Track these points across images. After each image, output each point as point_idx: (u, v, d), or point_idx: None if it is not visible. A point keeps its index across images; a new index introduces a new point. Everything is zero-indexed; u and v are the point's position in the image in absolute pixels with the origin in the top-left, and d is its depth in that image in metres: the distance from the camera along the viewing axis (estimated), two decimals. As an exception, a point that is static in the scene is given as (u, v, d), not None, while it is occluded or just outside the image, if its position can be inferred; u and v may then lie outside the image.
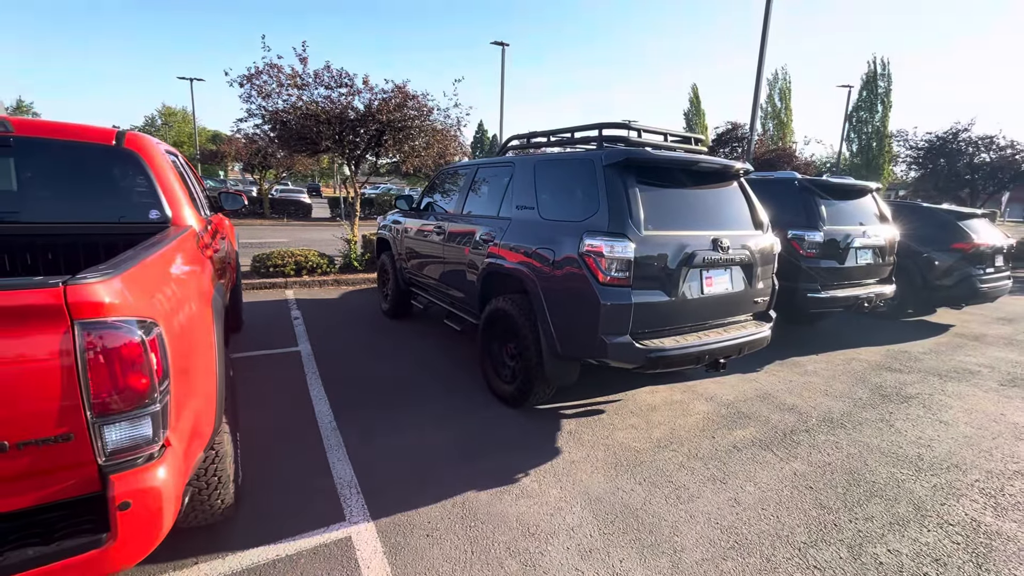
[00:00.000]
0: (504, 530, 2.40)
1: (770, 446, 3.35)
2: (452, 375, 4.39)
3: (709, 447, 3.31)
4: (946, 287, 6.77)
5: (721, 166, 3.43)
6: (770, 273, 3.76)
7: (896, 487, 2.92)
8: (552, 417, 3.64)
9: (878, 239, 5.56)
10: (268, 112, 7.35)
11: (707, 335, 3.30)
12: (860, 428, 3.68)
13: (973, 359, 5.49)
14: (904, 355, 5.54)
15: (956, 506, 2.74)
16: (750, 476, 2.97)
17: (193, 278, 2.04)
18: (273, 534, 2.30)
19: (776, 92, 47.47)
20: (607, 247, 2.91)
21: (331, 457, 2.98)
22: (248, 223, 18.89)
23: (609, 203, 3.03)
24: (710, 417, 3.77)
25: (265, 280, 7.55)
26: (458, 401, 3.86)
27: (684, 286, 3.15)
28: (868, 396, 4.32)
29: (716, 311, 3.41)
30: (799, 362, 5.15)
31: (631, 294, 2.96)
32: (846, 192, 5.68)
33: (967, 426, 3.79)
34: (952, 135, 14.24)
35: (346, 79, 7.59)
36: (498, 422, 3.54)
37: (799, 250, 5.13)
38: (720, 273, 3.35)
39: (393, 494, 2.65)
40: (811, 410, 3.97)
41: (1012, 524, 2.60)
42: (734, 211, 3.61)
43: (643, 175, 3.15)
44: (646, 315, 3.04)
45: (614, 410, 3.82)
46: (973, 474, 3.09)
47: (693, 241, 3.17)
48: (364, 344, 5.18)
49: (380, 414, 3.58)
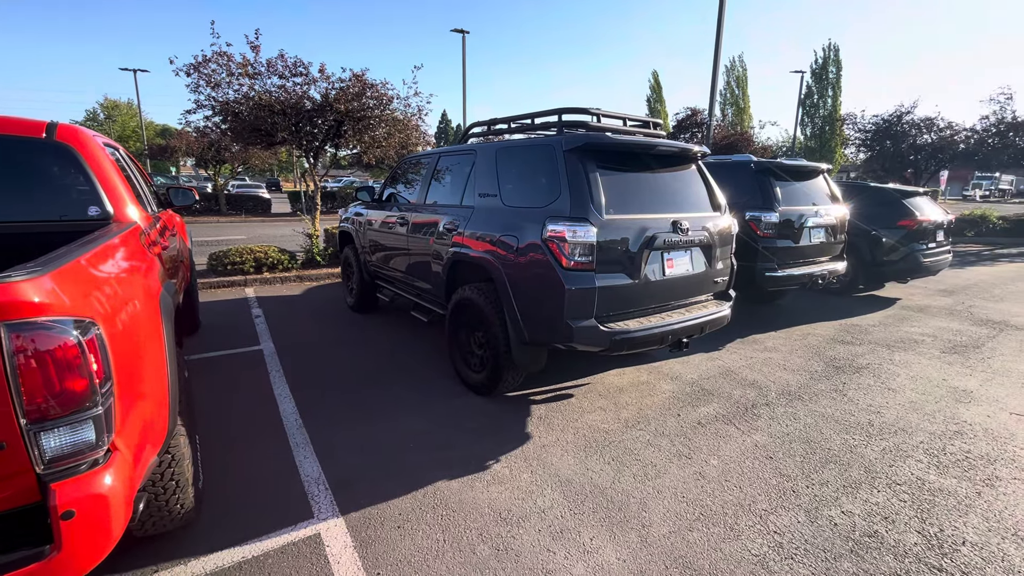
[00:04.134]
0: (476, 517, 2.41)
1: (732, 420, 3.47)
2: (421, 367, 4.35)
3: (675, 425, 3.40)
4: (893, 262, 7.12)
5: (679, 149, 3.49)
6: (728, 253, 3.86)
7: (849, 452, 3.07)
8: (522, 403, 3.66)
9: (830, 218, 5.79)
10: (218, 103, 7.03)
11: (670, 316, 3.37)
12: (816, 399, 3.85)
13: (917, 329, 5.80)
14: (855, 328, 5.81)
15: (903, 467, 2.91)
16: (714, 450, 3.07)
17: (137, 276, 1.94)
18: (239, 536, 2.23)
19: (733, 79, 48.63)
20: (570, 232, 2.93)
21: (297, 455, 2.92)
22: (204, 220, 18.14)
23: (570, 188, 3.04)
24: (675, 396, 3.87)
25: (223, 279, 7.28)
26: (427, 392, 3.84)
27: (646, 268, 3.20)
28: (823, 369, 4.51)
29: (678, 292, 3.48)
30: (759, 339, 5.34)
31: (595, 278, 2.98)
32: (799, 173, 5.88)
33: (913, 392, 4.01)
34: (896, 117, 14.91)
35: (301, 68, 7.34)
36: (468, 411, 3.53)
37: (756, 231, 5.29)
38: (681, 255, 3.42)
39: (362, 488, 2.61)
40: (770, 384, 4.12)
41: (952, 480, 2.78)
42: (693, 193, 3.68)
43: (603, 159, 3.17)
44: (610, 298, 3.08)
45: (583, 394, 3.87)
46: (918, 436, 3.28)
47: (654, 224, 3.22)
48: (329, 339, 5.08)
49: (347, 409, 3.52)
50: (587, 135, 3.16)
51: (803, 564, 2.14)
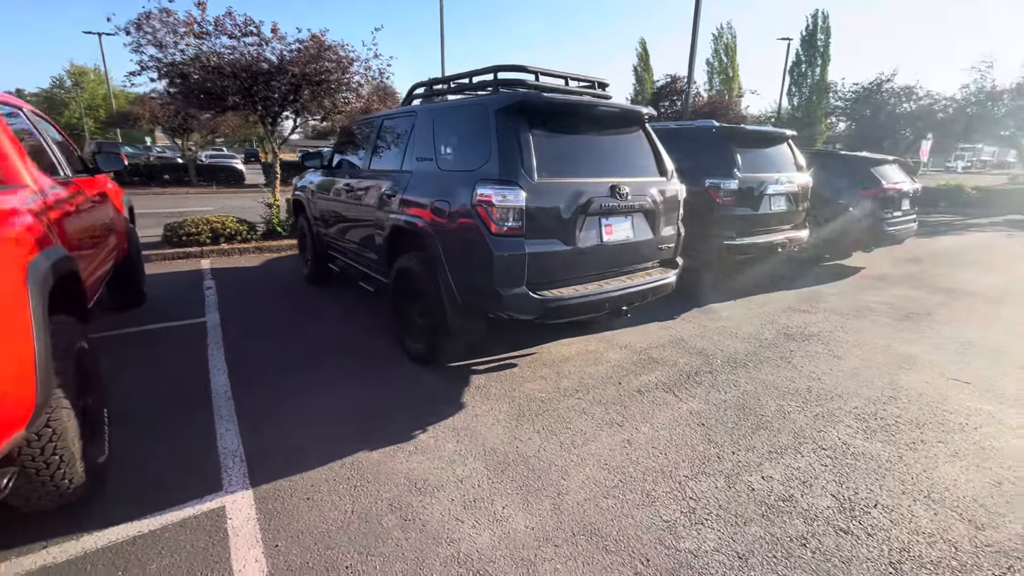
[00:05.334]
0: (390, 487, 2.36)
1: (672, 388, 3.45)
2: (368, 338, 4.27)
3: (614, 393, 3.37)
4: (857, 231, 7.11)
5: (620, 110, 3.35)
6: (675, 220, 3.78)
7: (782, 419, 3.07)
8: (463, 374, 3.60)
9: (792, 186, 5.71)
10: (163, 65, 6.67)
11: (608, 283, 3.30)
12: (760, 366, 3.85)
13: (875, 297, 5.83)
14: (815, 297, 5.82)
15: (832, 432, 2.92)
16: (647, 417, 3.05)
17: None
18: (140, 510, 2.16)
19: (721, 47, 47.71)
20: (498, 196, 2.81)
21: (219, 427, 2.84)
22: (172, 192, 17.61)
23: (500, 150, 2.90)
24: (620, 364, 3.84)
25: (179, 250, 7.06)
26: (369, 363, 3.76)
27: (581, 234, 3.11)
28: (774, 336, 4.51)
29: (618, 259, 3.40)
30: (715, 309, 5.32)
31: (524, 244, 2.89)
32: (763, 140, 5.77)
33: (857, 359, 4.02)
34: (876, 86, 14.76)
35: (252, 27, 6.96)
36: (405, 382, 3.47)
37: (715, 198, 5.20)
38: (620, 221, 3.32)
39: (280, 460, 2.55)
40: (718, 352, 4.11)
41: (878, 444, 2.79)
42: (636, 157, 3.56)
43: (537, 120, 3.03)
44: (542, 265, 3.00)
45: (527, 363, 3.82)
46: (853, 402, 3.29)
47: (590, 188, 3.11)
48: (279, 312, 4.95)
49: (281, 381, 3.44)
50: (519, 93, 3.01)
51: (712, 529, 2.13)
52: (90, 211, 3.38)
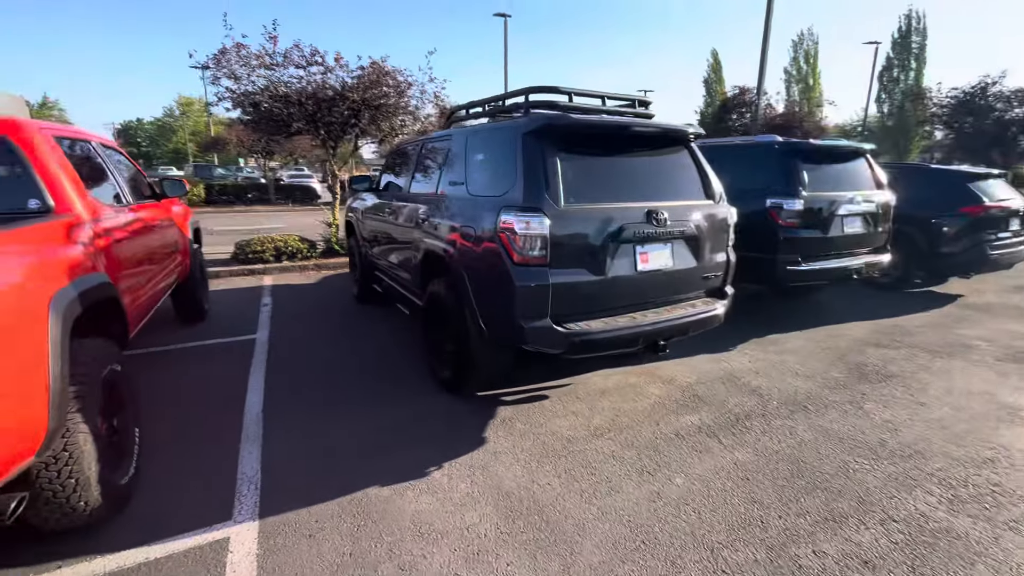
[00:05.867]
0: (394, 530, 2.26)
1: (717, 433, 3.11)
2: (404, 361, 4.24)
3: (650, 435, 3.09)
4: (953, 254, 6.28)
5: (660, 130, 3.12)
6: (724, 246, 3.46)
7: (844, 478, 2.66)
8: (491, 404, 3.47)
9: (869, 205, 5.14)
10: (236, 95, 7.19)
11: (644, 316, 3.05)
12: (824, 411, 3.40)
13: (974, 332, 5.07)
14: (897, 329, 5.16)
15: (907, 499, 2.48)
16: (683, 466, 2.75)
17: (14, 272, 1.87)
18: (151, 536, 2.20)
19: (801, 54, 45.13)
20: (520, 223, 2.68)
21: (243, 451, 2.88)
22: (253, 210, 19.05)
23: (525, 175, 2.77)
24: (662, 401, 3.54)
25: (244, 267, 7.51)
26: (401, 388, 3.72)
27: (613, 263, 2.89)
28: (843, 376, 4.01)
29: (655, 289, 3.14)
30: (778, 340, 4.84)
31: (548, 274, 2.72)
32: (834, 155, 5.25)
33: (946, 407, 3.46)
34: (980, 90, 13.19)
35: (317, 57, 7.37)
36: (432, 410, 3.38)
37: (777, 220, 4.76)
38: (658, 248, 3.07)
39: (293, 490, 2.52)
40: (775, 392, 3.69)
41: (966, 520, 2.33)
42: (679, 180, 3.30)
43: (565, 143, 2.87)
44: (569, 296, 2.81)
45: (560, 395, 3.62)
46: (937, 462, 2.80)
47: (623, 214, 2.90)
48: (325, 330, 5.07)
49: (314, 404, 3.46)
50: (546, 115, 2.88)
51: (744, 614, 1.83)
52: (147, 235, 3.62)
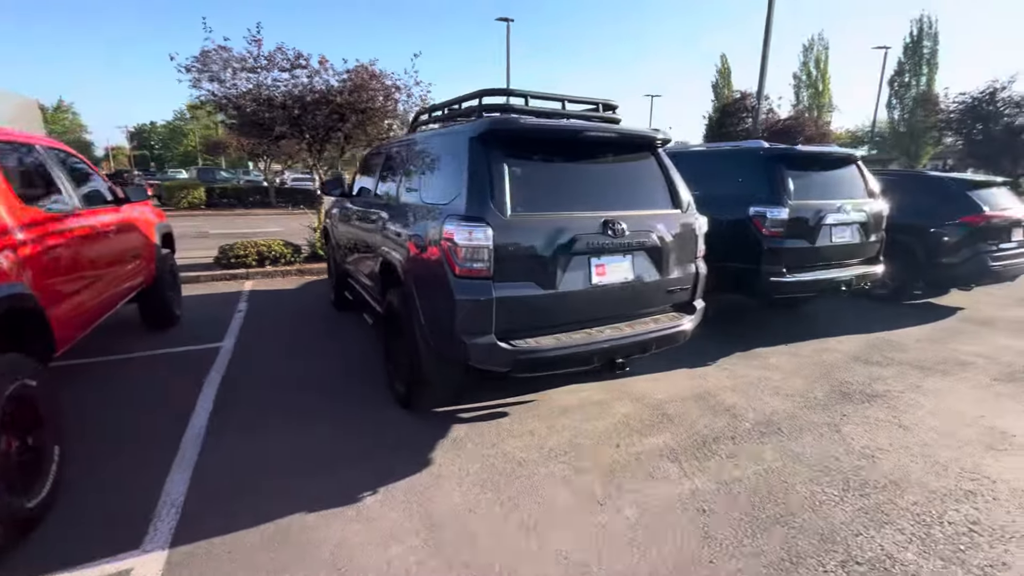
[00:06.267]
0: (309, 562, 2.09)
1: (680, 457, 2.92)
2: (366, 374, 4.08)
3: (607, 458, 2.90)
4: (953, 265, 6.02)
5: (619, 135, 2.95)
6: (692, 258, 3.27)
7: (810, 511, 2.46)
8: (445, 421, 3.29)
9: (860, 214, 4.91)
10: (217, 98, 7.11)
11: (601, 332, 2.87)
12: (799, 435, 3.20)
13: (972, 348, 4.82)
14: (890, 344, 4.92)
15: (874, 538, 2.27)
16: (637, 496, 2.56)
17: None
18: (49, 565, 2.05)
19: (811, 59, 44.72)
20: (461, 234, 2.52)
21: (174, 471, 2.73)
22: (252, 212, 19.08)
23: (469, 182, 2.62)
24: (627, 421, 3.35)
25: (227, 272, 7.42)
26: (358, 403, 3.56)
27: (565, 276, 2.72)
28: (825, 395, 3.79)
29: (614, 304, 2.96)
30: (762, 354, 4.62)
31: (492, 287, 2.55)
32: (823, 162, 5.03)
33: (932, 432, 3.24)
34: (989, 95, 12.83)
35: (302, 60, 7.28)
36: (383, 428, 3.21)
37: (761, 229, 4.56)
38: (616, 260, 2.89)
39: (215, 515, 2.37)
40: (749, 412, 3.49)
41: (936, 563, 2.12)
42: (642, 188, 3.13)
43: (514, 148, 2.71)
44: (516, 311, 2.64)
45: (520, 413, 3.44)
46: (912, 495, 2.58)
47: (576, 224, 2.73)
48: (294, 339, 4.94)
49: (263, 420, 3.31)
50: (492, 118, 2.71)
51: (673, 673, 1.64)
52: (96, 241, 3.50)
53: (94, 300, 3.37)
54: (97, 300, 3.43)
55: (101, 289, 3.50)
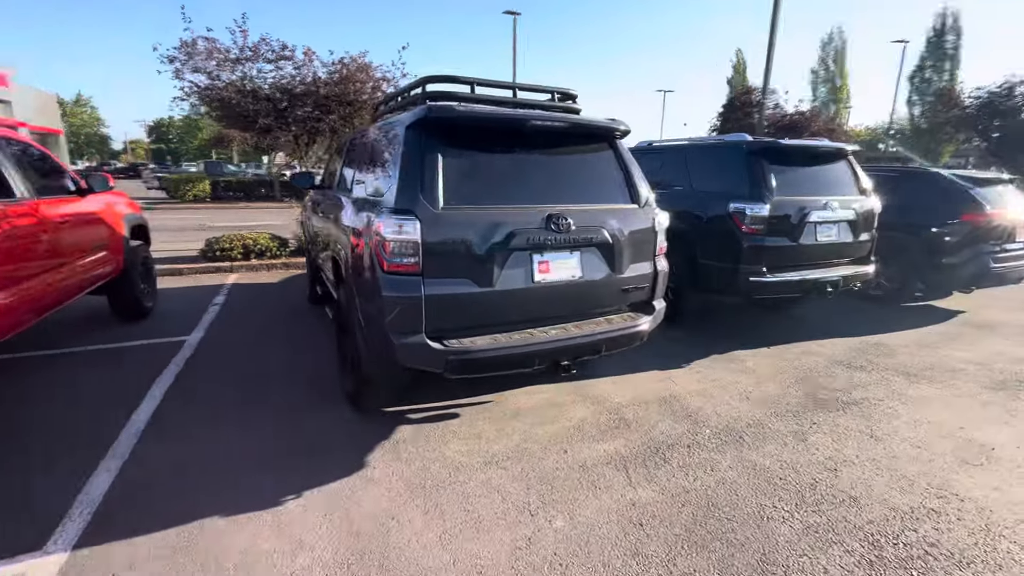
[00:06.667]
0: (208, 573, 1.99)
1: (628, 465, 2.77)
2: (327, 370, 3.98)
3: (550, 465, 2.77)
4: (953, 266, 5.75)
5: (568, 125, 2.78)
6: (650, 255, 3.10)
7: (755, 527, 2.30)
8: (392, 422, 3.18)
9: (847, 212, 4.69)
10: (200, 89, 7.06)
11: (546, 332, 2.72)
12: (761, 443, 3.03)
13: (965, 354, 4.58)
14: (879, 348, 4.70)
15: (818, 559, 2.11)
16: (572, 506, 2.42)
17: None
18: (-56, 567, 1.98)
19: (829, 53, 43.74)
20: (390, 228, 2.39)
21: (102, 467, 2.65)
22: (256, 206, 19.18)
23: (400, 174, 2.49)
24: (581, 425, 3.20)
25: (211, 264, 7.40)
26: (309, 401, 3.46)
27: (504, 274, 2.58)
28: (798, 401, 3.61)
29: (560, 303, 2.81)
30: (739, 357, 4.44)
31: (422, 284, 2.42)
32: (810, 156, 4.81)
33: (905, 443, 3.05)
34: (1007, 90, 12.32)
35: (287, 51, 7.20)
36: (327, 427, 3.11)
37: (740, 226, 4.36)
38: (563, 257, 2.74)
39: (128, 517, 2.28)
40: (713, 418, 3.32)
41: (882, 590, 1.96)
42: (595, 181, 2.97)
43: (450, 137, 2.57)
44: (450, 310, 2.51)
45: (472, 414, 3.32)
46: (871, 511, 2.41)
47: (517, 218, 2.58)
48: (264, 333, 4.86)
49: (207, 417, 3.22)
50: (427, 107, 2.57)
51: None
52: (44, 232, 3.44)
53: (42, 290, 3.32)
54: (47, 290, 3.37)
55: (52, 279, 3.44)
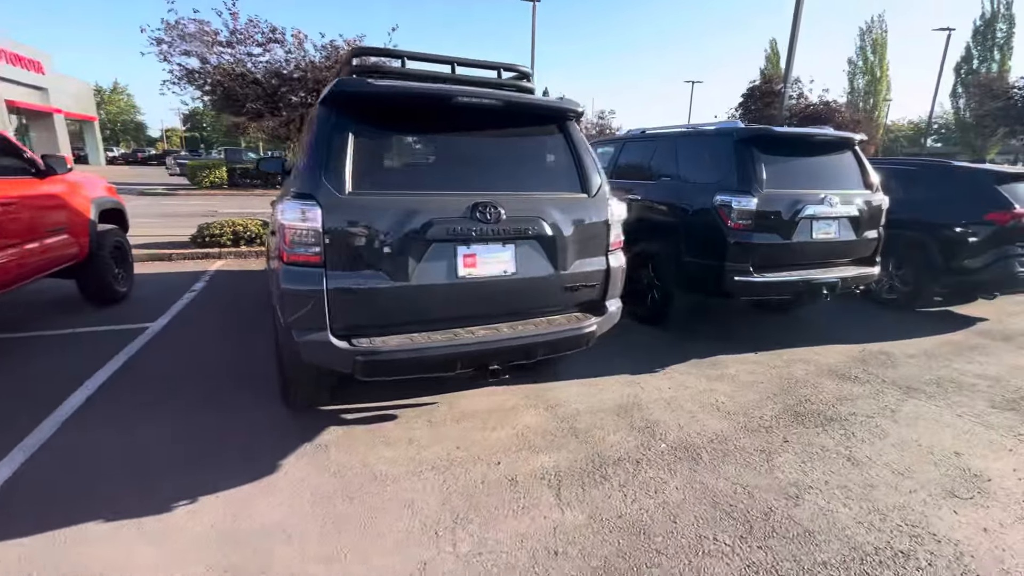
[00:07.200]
0: (62, 587, 1.83)
1: (562, 482, 2.51)
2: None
3: (478, 477, 2.53)
4: (973, 270, 5.25)
5: (504, 104, 2.49)
6: (602, 250, 2.80)
7: (685, 563, 2.02)
8: (324, 422, 2.98)
9: (849, 208, 4.27)
10: (188, 72, 6.97)
11: (472, 333, 2.47)
12: (720, 463, 2.72)
13: (978, 367, 4.14)
14: (880, 358, 4.29)
15: (750, 608, 1.82)
16: (487, 528, 2.18)
17: None
18: None
19: (868, 43, 41.75)
20: (289, 215, 2.17)
21: (4, 461, 2.52)
22: (271, 193, 19.33)
23: (307, 155, 2.26)
24: (525, 434, 2.95)
25: (199, 250, 7.35)
26: (249, 397, 3.28)
27: (422, 267, 2.33)
28: (774, 415, 3.27)
29: (493, 301, 2.55)
30: (723, 362, 4.09)
31: (324, 277, 2.20)
32: (809, 146, 4.39)
33: (885, 469, 2.70)
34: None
35: (277, 34, 7.05)
36: (254, 427, 2.92)
37: (726, 221, 4.00)
38: (493, 250, 2.47)
39: (6, 518, 2.14)
40: (673, 431, 3.02)
41: (817, 652, 1.66)
42: (539, 167, 2.68)
43: (365, 116, 2.32)
44: (359, 305, 2.28)
45: (413, 416, 3.10)
46: (826, 551, 2.09)
47: (436, 206, 2.33)
48: (229, 323, 4.74)
49: (137, 409, 3.07)
50: (337, 81, 2.32)
51: None
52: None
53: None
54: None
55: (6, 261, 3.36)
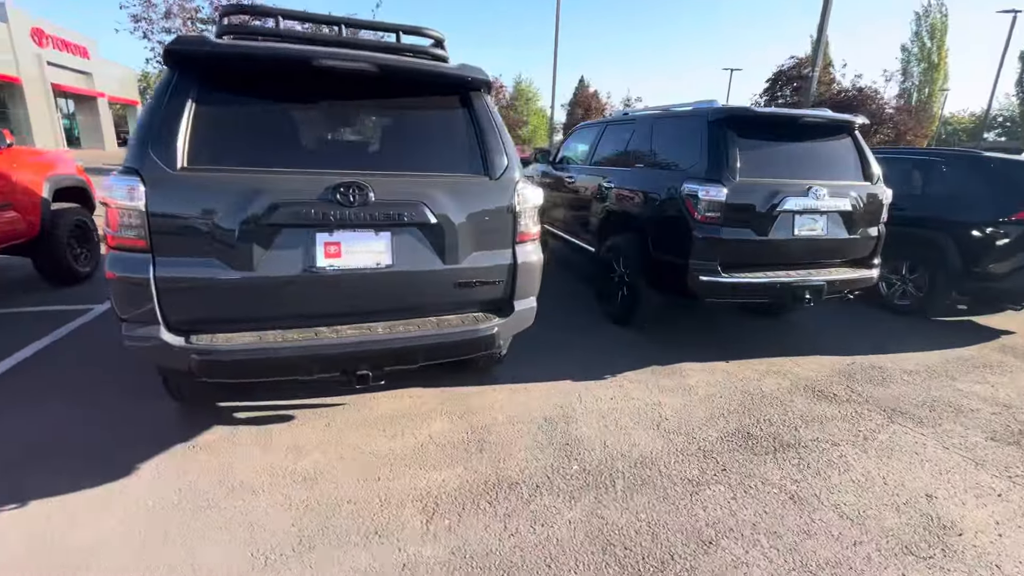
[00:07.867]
0: None
1: (439, 507, 2.19)
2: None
3: (345, 496, 2.23)
4: (996, 276, 4.61)
5: (380, 68, 2.13)
6: (507, 242, 2.43)
7: (540, 623, 1.67)
8: (213, 420, 2.75)
9: (841, 201, 3.73)
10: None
11: (337, 332, 2.16)
12: (634, 492, 2.34)
13: (985, 390, 3.58)
14: (871, 373, 3.77)
15: None
16: (328, 561, 1.89)
17: None
18: None
19: (926, 28, 39.00)
20: (113, 192, 1.89)
21: None
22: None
23: (139, 124, 1.98)
24: (425, 445, 2.64)
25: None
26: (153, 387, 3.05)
27: (272, 255, 2.02)
28: (721, 436, 2.85)
29: (365, 297, 2.22)
30: (684, 371, 3.67)
31: (151, 264, 1.92)
32: (798, 130, 3.85)
33: (833, 512, 2.26)
34: None
35: (261, 11, 6.84)
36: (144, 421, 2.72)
37: (693, 213, 3.55)
38: (363, 238, 2.14)
39: None
40: (595, 451, 2.65)
41: None
42: (429, 144, 2.32)
43: (209, 81, 2.01)
44: (196, 298, 2.00)
45: (308, 419, 2.83)
46: (719, 619, 1.71)
47: (289, 185, 2.01)
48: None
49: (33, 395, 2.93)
50: (177, 38, 2.02)
51: None
52: None
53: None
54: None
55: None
